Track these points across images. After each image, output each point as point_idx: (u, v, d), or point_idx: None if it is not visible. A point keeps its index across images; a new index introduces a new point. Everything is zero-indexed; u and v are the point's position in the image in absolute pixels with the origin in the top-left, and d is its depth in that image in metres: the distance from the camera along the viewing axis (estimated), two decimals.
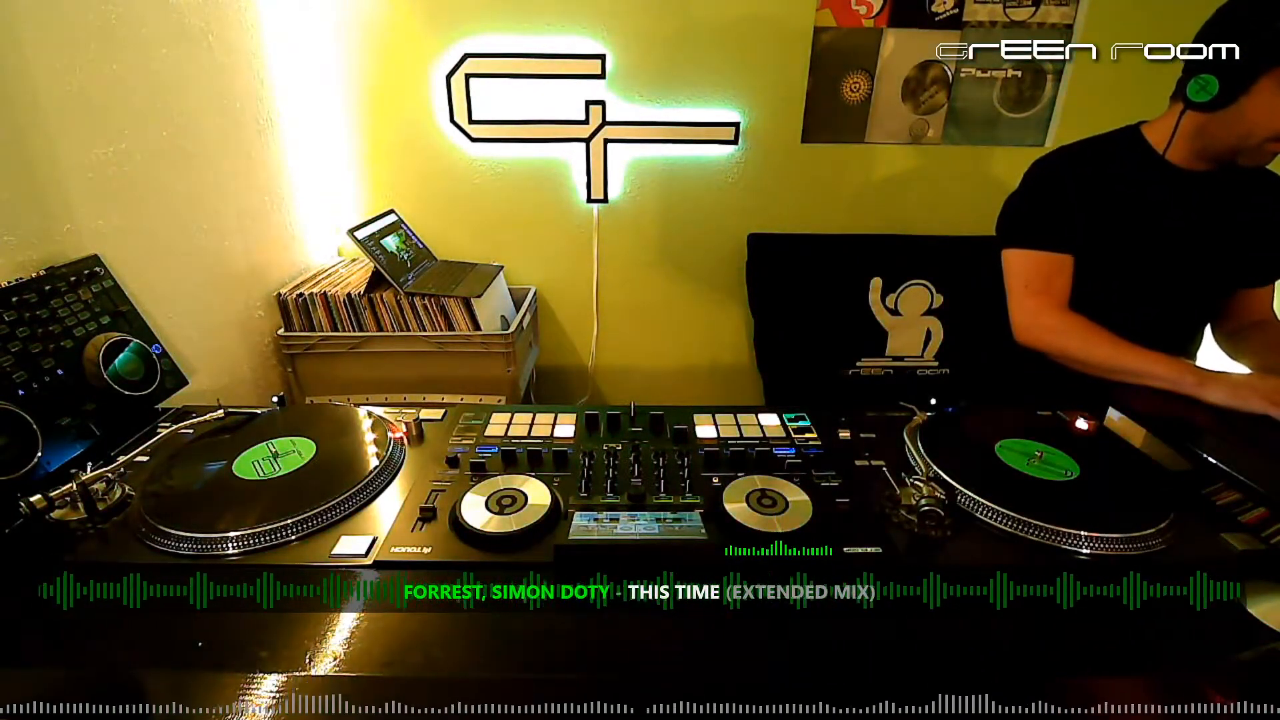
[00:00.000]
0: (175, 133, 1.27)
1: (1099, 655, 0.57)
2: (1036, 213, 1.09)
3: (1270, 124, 0.90)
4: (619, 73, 1.81)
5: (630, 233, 2.00)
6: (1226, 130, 0.94)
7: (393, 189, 1.92)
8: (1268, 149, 0.93)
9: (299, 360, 1.65)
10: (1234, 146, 0.95)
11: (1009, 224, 1.13)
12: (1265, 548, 0.67)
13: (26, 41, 0.96)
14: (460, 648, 0.56)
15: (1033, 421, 0.93)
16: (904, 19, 1.78)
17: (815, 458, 0.83)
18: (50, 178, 1.01)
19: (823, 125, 1.89)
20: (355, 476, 0.75)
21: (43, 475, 0.77)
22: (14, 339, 0.83)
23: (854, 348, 2.00)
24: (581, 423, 0.91)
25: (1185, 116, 0.98)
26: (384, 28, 1.75)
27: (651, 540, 0.65)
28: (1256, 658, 0.56)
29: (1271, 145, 0.92)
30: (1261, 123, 0.90)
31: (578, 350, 2.17)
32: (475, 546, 0.66)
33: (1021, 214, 1.12)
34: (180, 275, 1.29)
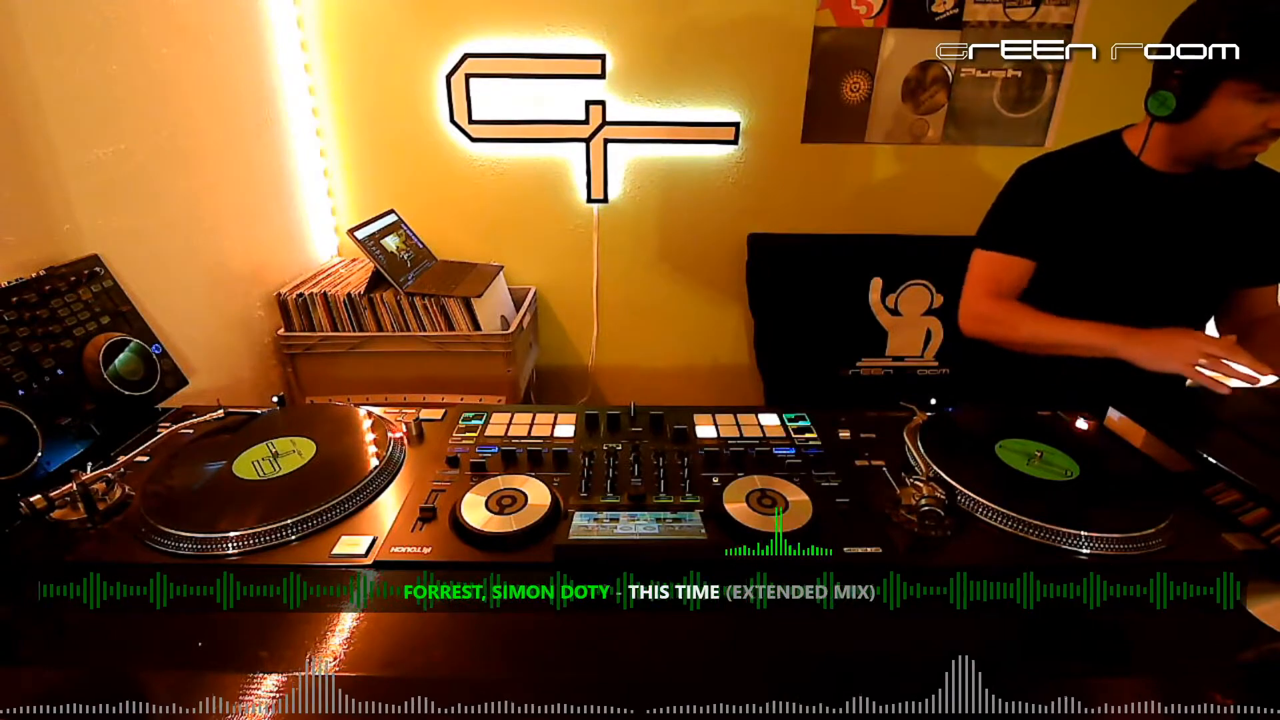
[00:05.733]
0: (175, 133, 1.27)
1: (1099, 655, 0.57)
2: (1004, 218, 1.11)
3: (1234, 132, 0.90)
4: (619, 73, 1.81)
5: (630, 233, 2.00)
6: (1195, 138, 0.95)
7: (393, 189, 1.92)
8: (1241, 152, 0.93)
9: (299, 360, 1.65)
10: (1207, 151, 0.95)
11: (982, 226, 1.16)
12: (1265, 548, 0.67)
13: (26, 41, 0.96)
14: (460, 648, 0.56)
15: (1033, 421, 0.93)
16: (904, 19, 1.78)
17: (815, 458, 0.83)
18: (50, 178, 1.01)
19: (823, 125, 1.89)
20: (355, 476, 0.75)
21: (43, 475, 0.77)
22: (14, 339, 0.83)
23: (854, 348, 2.00)
24: (581, 423, 0.91)
25: (1155, 125, 0.99)
26: (384, 28, 1.75)
27: (651, 540, 0.65)
28: (1257, 658, 0.56)
29: (1244, 149, 0.92)
30: (1225, 132, 0.91)
31: (578, 350, 2.17)
32: (475, 546, 0.66)
33: (992, 218, 1.14)
34: (180, 275, 1.29)
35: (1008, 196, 1.12)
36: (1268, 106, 0.87)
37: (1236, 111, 0.89)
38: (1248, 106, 0.88)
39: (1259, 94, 0.87)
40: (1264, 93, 0.86)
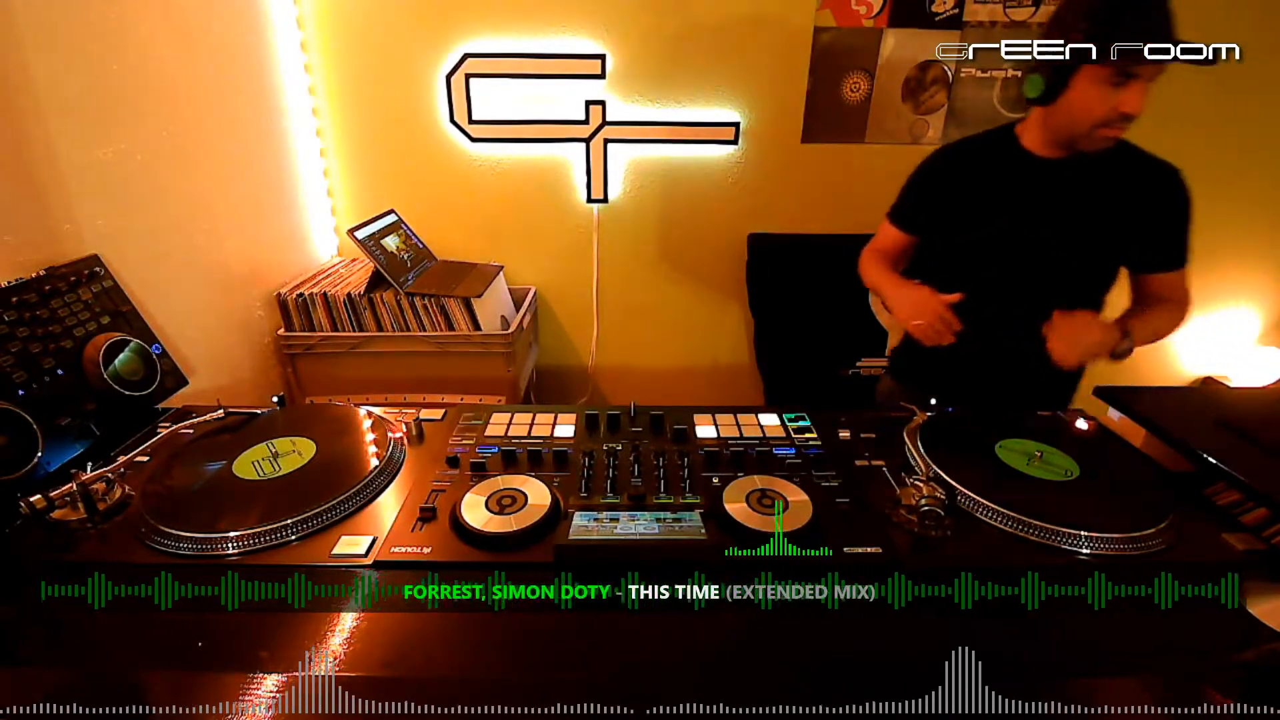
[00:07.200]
0: (175, 133, 1.27)
1: (1100, 654, 0.57)
2: (900, 198, 1.27)
3: (1090, 114, 0.99)
4: (619, 73, 1.81)
5: (630, 233, 2.00)
6: (1060, 120, 1.04)
7: (393, 189, 1.92)
8: (1098, 135, 1.01)
9: (299, 360, 1.65)
10: (1070, 133, 1.04)
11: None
12: (1265, 548, 0.67)
13: (27, 42, 0.96)
14: (460, 648, 0.56)
15: (1033, 421, 0.93)
16: (904, 19, 1.78)
17: (815, 458, 0.83)
18: (50, 178, 1.01)
19: (823, 125, 1.89)
20: (355, 476, 0.75)
21: (43, 475, 0.77)
22: (14, 339, 0.83)
23: (854, 348, 1.99)
24: (581, 423, 0.91)
25: (1033, 110, 1.09)
26: (384, 28, 1.75)
27: (651, 540, 0.65)
28: (1257, 658, 0.56)
29: (1101, 131, 1.00)
30: (1083, 114, 1.00)
31: (578, 350, 2.17)
32: (475, 546, 0.66)
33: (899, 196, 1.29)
34: (180, 275, 1.29)
35: (910, 180, 1.26)
36: (1119, 92, 0.96)
37: (1092, 95, 0.98)
38: (1102, 91, 0.96)
39: (1112, 79, 0.95)
40: (1116, 78, 0.95)
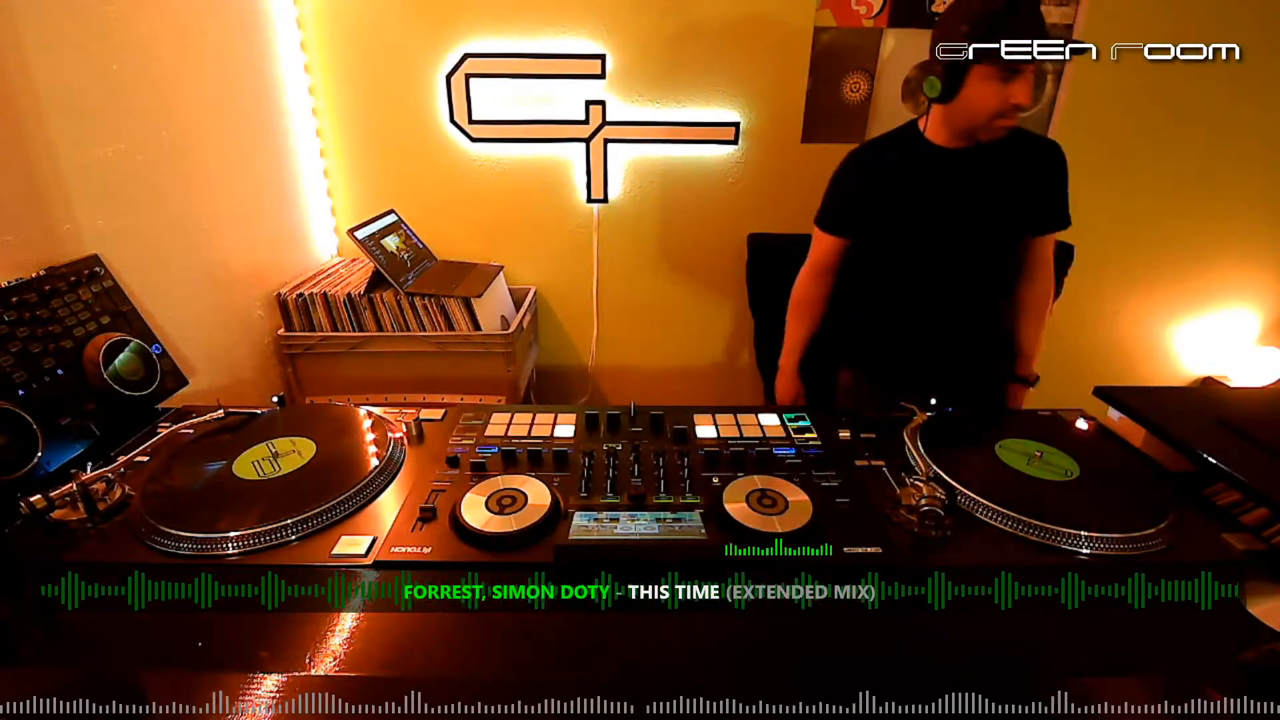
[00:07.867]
0: (175, 133, 1.27)
1: (1100, 655, 0.57)
2: (824, 201, 1.32)
3: (986, 108, 1.08)
4: (619, 73, 1.81)
5: (630, 233, 2.00)
6: (960, 115, 1.12)
7: (393, 189, 1.92)
8: (995, 125, 1.10)
9: (299, 360, 1.65)
10: (970, 126, 1.12)
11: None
12: (1265, 548, 0.67)
13: (27, 42, 0.96)
14: (460, 648, 0.56)
15: (1033, 421, 0.93)
16: (904, 19, 1.77)
17: (815, 458, 0.83)
18: (50, 178, 1.01)
19: (823, 125, 1.89)
20: (355, 476, 0.75)
21: (43, 475, 0.77)
22: (14, 339, 0.83)
23: None
24: (581, 423, 0.91)
25: (933, 107, 1.17)
26: (384, 28, 1.75)
27: (651, 540, 0.65)
28: (1257, 658, 0.57)
29: (998, 122, 1.09)
30: (980, 108, 1.09)
31: (578, 350, 2.17)
32: (475, 546, 0.66)
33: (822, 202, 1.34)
34: (180, 275, 1.29)
35: (830, 184, 1.31)
36: (1008, 85, 1.05)
37: (985, 91, 1.06)
38: (994, 86, 1.05)
39: (1000, 75, 1.04)
40: (1004, 74, 1.04)
